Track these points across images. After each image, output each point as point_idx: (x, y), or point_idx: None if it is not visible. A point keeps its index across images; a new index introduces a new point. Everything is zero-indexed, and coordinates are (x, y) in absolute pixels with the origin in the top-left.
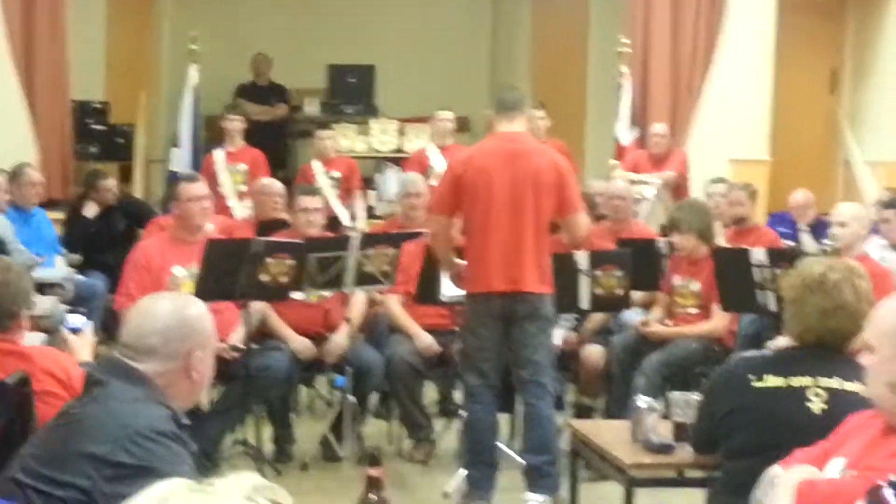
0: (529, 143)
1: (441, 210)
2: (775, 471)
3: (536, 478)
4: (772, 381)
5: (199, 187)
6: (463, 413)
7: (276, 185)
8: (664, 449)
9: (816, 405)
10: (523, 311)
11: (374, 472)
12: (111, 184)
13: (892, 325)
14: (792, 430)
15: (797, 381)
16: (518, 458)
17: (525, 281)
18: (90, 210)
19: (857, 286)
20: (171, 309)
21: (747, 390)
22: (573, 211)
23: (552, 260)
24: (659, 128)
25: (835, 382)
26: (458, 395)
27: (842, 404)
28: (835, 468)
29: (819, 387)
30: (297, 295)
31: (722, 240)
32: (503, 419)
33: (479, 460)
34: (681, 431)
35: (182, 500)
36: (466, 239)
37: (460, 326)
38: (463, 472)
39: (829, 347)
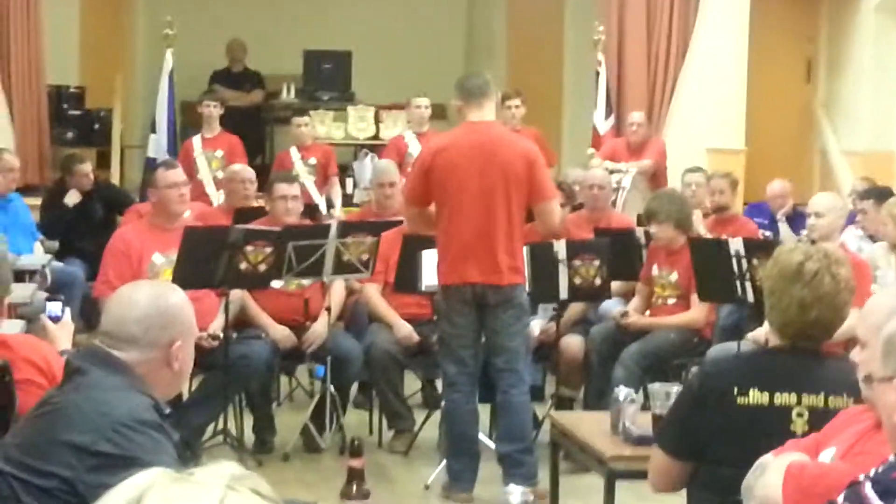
0: (499, 134)
1: (414, 202)
2: (766, 458)
3: (510, 466)
4: (756, 397)
5: (177, 174)
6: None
7: (247, 172)
8: (644, 441)
9: (799, 426)
10: (496, 299)
11: (355, 462)
12: (87, 168)
13: (877, 321)
14: (773, 449)
15: (781, 399)
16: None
17: (496, 274)
18: (72, 198)
19: (835, 274)
20: (152, 297)
21: (730, 406)
22: (545, 199)
23: (529, 250)
24: (636, 116)
25: (820, 400)
26: (439, 385)
27: (825, 423)
28: (826, 458)
29: (803, 405)
30: (275, 283)
31: (702, 228)
32: (485, 409)
33: (460, 451)
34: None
35: (163, 490)
36: (438, 230)
37: (437, 315)
38: (444, 464)
39: (814, 344)
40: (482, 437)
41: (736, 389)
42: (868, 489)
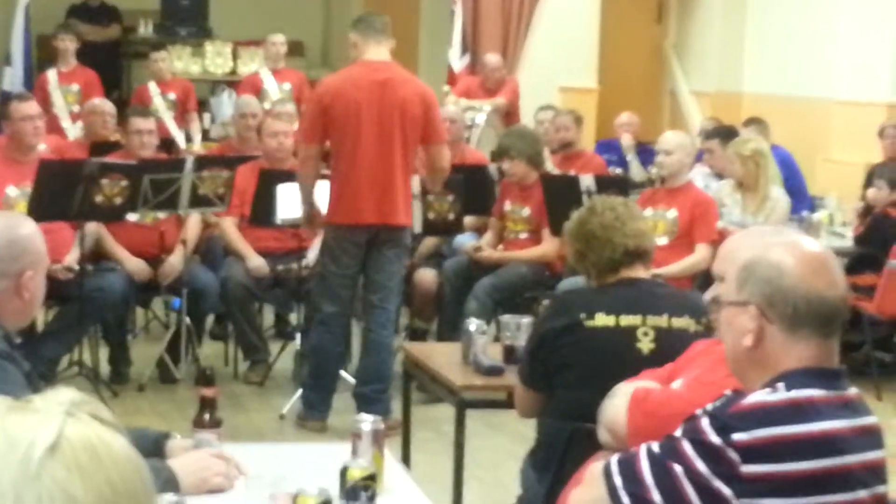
0: (397, 73)
1: (312, 139)
2: (620, 385)
3: (365, 403)
4: (602, 319)
5: (32, 106)
6: (299, 335)
7: (107, 105)
8: (494, 371)
9: (645, 345)
10: (385, 238)
11: (207, 391)
12: None
13: (736, 257)
14: (621, 368)
15: (626, 321)
16: (353, 381)
17: (394, 213)
18: None
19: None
20: (2, 228)
21: (578, 329)
22: (438, 141)
23: None
24: (492, 60)
25: (663, 320)
26: (294, 318)
27: (670, 342)
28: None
29: (648, 325)
30: (131, 216)
31: (549, 165)
32: None
33: (320, 384)
34: (510, 354)
35: (0, 420)
36: (334, 169)
37: (322, 252)
38: (298, 394)
39: (645, 258)
40: (342, 372)
41: (583, 315)
42: (705, 424)
